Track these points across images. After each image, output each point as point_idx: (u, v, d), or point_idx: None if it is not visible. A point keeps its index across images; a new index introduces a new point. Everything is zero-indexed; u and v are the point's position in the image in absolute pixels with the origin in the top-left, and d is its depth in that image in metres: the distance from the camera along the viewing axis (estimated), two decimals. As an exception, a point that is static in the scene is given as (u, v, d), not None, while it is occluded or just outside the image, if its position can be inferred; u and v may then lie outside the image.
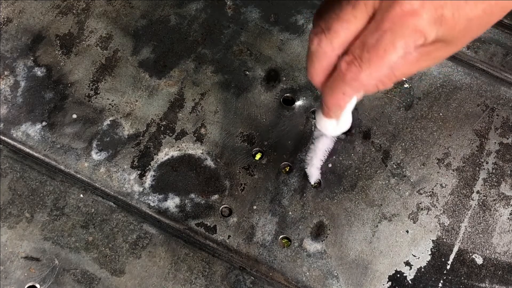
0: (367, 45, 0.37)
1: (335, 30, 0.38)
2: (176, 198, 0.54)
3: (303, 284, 0.52)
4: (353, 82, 0.39)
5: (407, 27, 0.37)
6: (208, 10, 0.62)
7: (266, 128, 0.57)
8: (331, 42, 0.39)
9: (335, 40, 0.38)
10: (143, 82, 0.59)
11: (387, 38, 0.37)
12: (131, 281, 0.51)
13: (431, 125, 0.58)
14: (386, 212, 0.54)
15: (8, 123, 0.57)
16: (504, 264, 0.53)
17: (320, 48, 0.39)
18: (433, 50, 0.39)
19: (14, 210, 0.53)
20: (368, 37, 0.37)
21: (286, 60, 0.60)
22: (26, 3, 0.62)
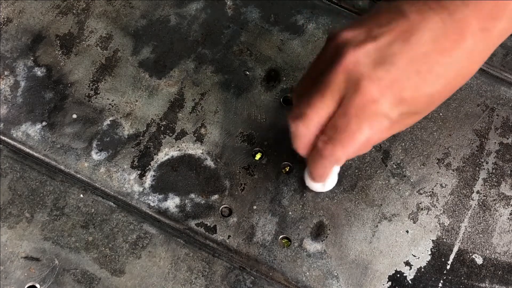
0: (337, 127, 0.43)
1: (308, 116, 0.44)
2: (176, 198, 0.54)
3: (303, 284, 0.52)
4: (330, 158, 0.45)
5: (369, 113, 0.42)
6: (208, 10, 0.62)
7: (266, 128, 0.57)
8: (307, 126, 0.44)
9: (310, 124, 0.44)
10: (143, 82, 0.59)
11: (353, 123, 0.42)
12: (131, 281, 0.51)
13: (431, 125, 0.58)
14: (386, 212, 0.54)
15: (8, 123, 0.57)
16: (504, 264, 0.53)
17: (298, 131, 0.45)
18: (401, 120, 0.43)
19: (14, 210, 0.53)
20: (338, 121, 0.43)
21: (286, 60, 0.60)
22: (26, 3, 0.62)
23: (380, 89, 0.41)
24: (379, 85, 0.41)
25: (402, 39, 0.41)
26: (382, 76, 0.41)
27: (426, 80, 0.41)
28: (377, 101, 0.41)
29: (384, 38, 0.41)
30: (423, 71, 0.41)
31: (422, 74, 0.41)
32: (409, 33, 0.41)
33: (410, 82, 0.41)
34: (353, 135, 0.43)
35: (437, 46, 0.41)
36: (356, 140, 0.43)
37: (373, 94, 0.41)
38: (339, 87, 0.42)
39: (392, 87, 0.41)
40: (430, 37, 0.41)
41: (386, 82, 0.41)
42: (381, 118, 0.42)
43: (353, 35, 0.42)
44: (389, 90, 0.41)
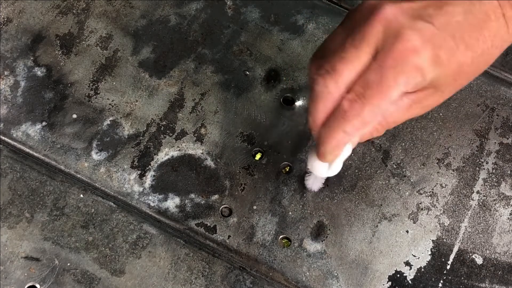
0: (370, 82, 0.39)
1: (340, 70, 0.40)
2: (176, 198, 0.54)
3: (303, 284, 0.52)
4: (355, 120, 0.40)
5: (408, 64, 0.39)
6: (208, 10, 0.62)
7: (266, 128, 0.57)
8: (337, 82, 0.40)
9: (340, 80, 0.40)
10: (143, 82, 0.59)
11: (389, 75, 0.39)
12: (131, 281, 0.51)
13: (431, 125, 0.58)
14: (386, 212, 0.54)
15: (8, 123, 0.57)
16: (504, 264, 0.53)
17: (326, 88, 0.40)
18: (424, 97, 0.41)
19: (14, 210, 0.53)
20: (370, 74, 0.39)
21: (286, 60, 0.60)
22: (26, 3, 0.62)
23: (422, 39, 0.39)
24: (421, 34, 0.39)
25: (436, 5, 0.40)
26: (422, 28, 0.39)
27: (459, 46, 0.40)
28: (418, 51, 0.39)
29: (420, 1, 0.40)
30: (457, 36, 0.40)
31: (456, 39, 0.40)
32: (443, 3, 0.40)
33: (446, 43, 0.40)
34: (387, 89, 0.40)
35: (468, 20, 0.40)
36: (387, 96, 0.40)
37: (414, 42, 0.39)
38: (376, 39, 0.39)
39: (431, 41, 0.39)
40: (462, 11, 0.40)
41: (426, 35, 0.39)
42: (418, 73, 0.40)
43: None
44: (429, 43, 0.39)
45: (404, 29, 0.39)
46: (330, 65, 0.40)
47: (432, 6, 0.40)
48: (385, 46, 0.39)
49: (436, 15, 0.40)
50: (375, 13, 0.39)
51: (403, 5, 0.40)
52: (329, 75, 0.40)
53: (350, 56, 0.40)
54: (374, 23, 0.39)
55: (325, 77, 0.40)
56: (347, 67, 0.40)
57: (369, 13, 0.40)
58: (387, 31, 0.39)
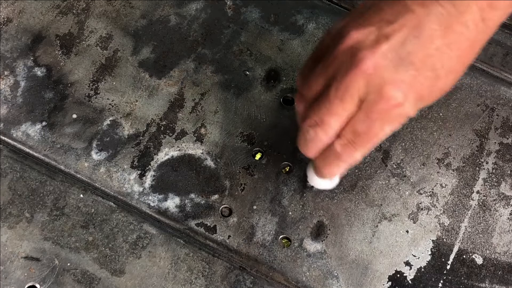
0: (359, 131, 0.43)
1: (329, 123, 0.43)
2: (176, 198, 0.54)
3: (303, 284, 0.52)
4: (348, 160, 0.45)
5: (393, 116, 0.42)
6: (208, 10, 0.62)
7: (266, 128, 0.57)
8: (326, 132, 0.44)
9: (329, 130, 0.44)
10: (143, 82, 0.59)
11: (376, 126, 0.42)
12: (131, 281, 0.51)
13: (431, 125, 0.58)
14: (386, 212, 0.54)
15: (8, 123, 0.57)
16: (504, 264, 0.53)
17: (317, 137, 0.44)
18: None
19: (14, 210, 0.53)
20: (358, 124, 0.42)
21: (286, 60, 0.60)
22: (26, 3, 0.62)
23: (404, 92, 0.41)
24: (402, 87, 0.41)
25: (413, 36, 0.40)
26: (403, 78, 0.41)
27: (440, 75, 0.42)
28: (402, 105, 0.41)
29: (397, 36, 0.40)
30: (437, 66, 0.41)
31: (437, 69, 0.41)
32: (419, 29, 0.40)
33: (427, 80, 0.41)
34: (375, 136, 0.43)
35: (446, 40, 0.41)
36: (377, 141, 0.43)
37: (397, 99, 0.41)
38: (359, 92, 0.41)
39: (413, 87, 0.41)
40: (439, 31, 0.40)
41: (407, 83, 0.41)
42: (403, 118, 0.42)
43: (364, 35, 0.41)
44: (411, 91, 0.41)
45: (386, 85, 0.41)
46: (318, 118, 0.43)
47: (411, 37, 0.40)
48: (369, 99, 0.41)
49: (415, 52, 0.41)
50: (355, 66, 0.41)
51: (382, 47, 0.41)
52: (318, 127, 0.44)
53: (336, 109, 0.42)
54: (355, 78, 0.41)
55: (315, 129, 0.44)
56: (334, 119, 0.43)
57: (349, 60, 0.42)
58: (369, 84, 0.41)
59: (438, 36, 0.40)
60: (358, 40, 0.41)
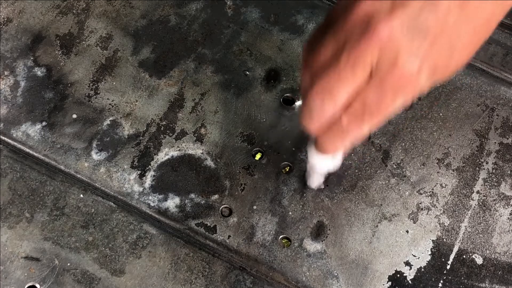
0: (368, 102, 0.40)
1: (337, 91, 0.40)
2: (176, 198, 0.54)
3: (303, 284, 0.52)
4: (355, 134, 0.42)
5: (406, 87, 0.39)
6: (208, 10, 0.62)
7: (266, 128, 0.57)
8: (334, 103, 0.41)
9: (338, 100, 0.40)
10: (143, 82, 0.59)
11: (388, 96, 0.40)
12: (131, 281, 0.51)
13: (431, 125, 0.58)
14: (386, 212, 0.54)
15: (8, 123, 0.57)
16: (504, 264, 0.53)
17: (323, 107, 0.41)
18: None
19: (14, 210, 0.53)
20: (368, 95, 0.40)
21: (286, 60, 0.60)
22: (26, 3, 0.62)
23: (419, 63, 0.39)
24: (418, 58, 0.39)
25: (429, 8, 0.39)
26: (419, 47, 0.39)
27: (455, 51, 0.40)
28: (416, 76, 0.39)
29: (412, 5, 0.39)
30: (453, 40, 0.40)
31: (453, 43, 0.40)
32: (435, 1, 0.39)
33: (443, 53, 0.40)
34: (385, 108, 0.40)
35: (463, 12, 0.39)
36: (387, 112, 0.41)
37: (412, 69, 0.39)
38: (372, 59, 0.39)
39: (428, 58, 0.39)
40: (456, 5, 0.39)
41: (423, 54, 0.39)
42: (416, 90, 0.40)
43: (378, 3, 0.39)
44: (426, 63, 0.39)
45: (400, 54, 0.39)
46: (327, 84, 0.40)
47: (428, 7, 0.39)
48: (382, 69, 0.39)
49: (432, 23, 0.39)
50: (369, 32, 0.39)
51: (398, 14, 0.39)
52: (326, 96, 0.41)
53: (347, 77, 0.40)
54: (369, 44, 0.39)
55: (323, 97, 0.41)
56: (344, 88, 0.40)
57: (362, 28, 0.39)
58: (383, 52, 0.39)
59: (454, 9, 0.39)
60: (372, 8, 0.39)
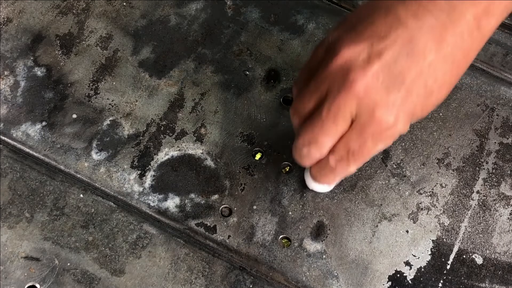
0: (351, 149, 0.43)
1: (322, 142, 0.44)
2: (176, 198, 0.54)
3: (303, 284, 0.52)
4: (342, 173, 0.47)
5: (386, 136, 0.42)
6: (208, 10, 0.62)
7: (266, 128, 0.57)
8: (320, 151, 0.45)
9: (323, 148, 0.44)
10: (143, 82, 0.59)
11: (369, 144, 0.43)
12: (131, 281, 0.51)
13: (431, 125, 0.58)
14: (386, 212, 0.54)
15: (8, 123, 0.57)
16: (504, 264, 0.53)
17: (310, 155, 0.45)
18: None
19: (14, 210, 0.53)
20: (351, 143, 0.43)
21: (286, 60, 0.60)
22: (26, 3, 0.62)
23: (395, 115, 0.41)
24: (393, 110, 0.41)
25: (406, 52, 0.40)
26: (394, 100, 0.40)
27: (433, 91, 0.41)
28: (393, 126, 0.41)
29: (389, 54, 0.40)
30: (430, 83, 0.41)
31: (429, 86, 0.41)
32: (412, 44, 0.39)
33: (419, 98, 0.41)
34: (368, 153, 0.43)
35: (439, 54, 0.40)
36: (370, 156, 0.44)
37: (389, 121, 0.41)
38: (351, 112, 0.41)
39: (405, 107, 0.41)
40: (433, 45, 0.40)
41: (398, 105, 0.40)
42: (396, 136, 0.43)
43: (355, 53, 0.40)
44: (403, 112, 0.41)
45: (377, 108, 0.40)
46: (312, 137, 0.44)
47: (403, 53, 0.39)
48: (361, 120, 0.41)
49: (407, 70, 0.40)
50: (347, 86, 0.40)
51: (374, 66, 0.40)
52: (312, 146, 0.44)
53: (330, 128, 0.43)
54: (347, 99, 0.41)
55: (309, 148, 0.45)
56: (327, 139, 0.43)
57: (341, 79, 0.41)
58: (361, 105, 0.41)
59: (431, 50, 0.40)
60: (350, 58, 0.41)
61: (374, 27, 0.41)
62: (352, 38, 0.41)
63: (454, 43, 0.40)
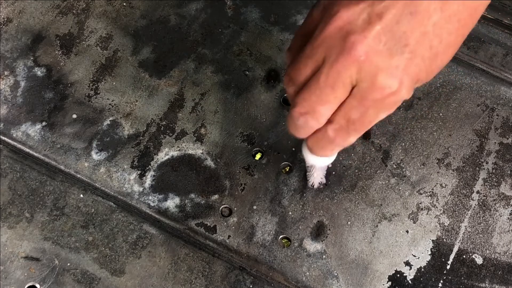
0: (352, 118, 0.40)
1: (320, 111, 0.40)
2: (176, 198, 0.54)
3: (303, 284, 0.52)
4: (342, 144, 0.43)
5: (388, 103, 0.39)
6: (208, 10, 0.62)
7: (266, 128, 0.57)
8: (318, 121, 0.41)
9: (321, 118, 0.41)
10: (143, 82, 0.59)
11: (370, 113, 0.39)
12: (131, 281, 0.51)
13: (431, 125, 0.58)
14: (386, 212, 0.54)
15: (8, 123, 0.57)
16: (504, 264, 0.53)
17: (307, 125, 0.41)
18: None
19: (14, 210, 0.53)
20: (351, 111, 0.40)
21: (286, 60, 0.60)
22: (26, 3, 0.62)
23: (399, 79, 0.38)
24: (397, 75, 0.38)
25: (409, 12, 0.37)
26: (398, 63, 0.37)
27: (438, 53, 0.38)
28: (397, 92, 0.38)
29: (391, 13, 0.37)
30: (435, 44, 0.38)
31: (435, 47, 0.38)
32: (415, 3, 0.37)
33: (424, 61, 0.38)
34: (369, 122, 0.40)
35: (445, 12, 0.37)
36: (371, 125, 0.41)
37: (392, 87, 0.38)
38: (351, 79, 0.38)
39: (408, 71, 0.38)
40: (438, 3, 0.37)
41: (402, 69, 0.38)
42: (399, 103, 0.40)
43: (355, 14, 0.37)
44: (407, 76, 0.38)
45: (379, 73, 0.38)
46: (309, 106, 0.40)
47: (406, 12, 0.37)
48: (362, 87, 0.38)
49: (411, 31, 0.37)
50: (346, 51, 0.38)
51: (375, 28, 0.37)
52: (309, 115, 0.41)
53: (328, 96, 0.40)
54: (346, 65, 0.38)
55: (306, 117, 0.41)
56: (326, 107, 0.40)
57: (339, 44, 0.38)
58: (361, 72, 0.38)
59: (436, 9, 0.37)
60: (349, 20, 0.38)
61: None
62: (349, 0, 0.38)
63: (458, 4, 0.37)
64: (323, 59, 0.39)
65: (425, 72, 0.39)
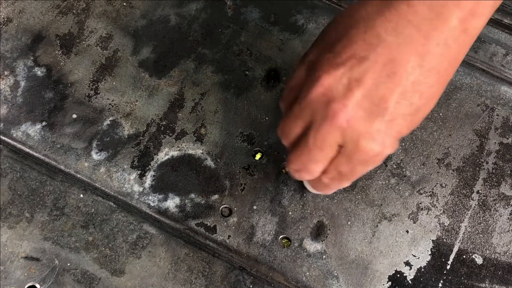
0: (342, 172, 0.43)
1: (312, 168, 0.44)
2: (176, 198, 0.54)
3: (303, 284, 0.52)
4: (338, 187, 0.49)
5: (373, 161, 0.42)
6: (208, 10, 0.62)
7: (266, 128, 0.57)
8: (312, 175, 0.45)
9: (314, 174, 0.44)
10: (143, 82, 0.59)
11: (358, 168, 0.42)
12: (131, 281, 0.51)
13: (431, 125, 0.58)
14: (386, 212, 0.54)
15: (8, 123, 0.57)
16: (504, 264, 0.53)
17: (303, 178, 0.46)
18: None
19: (14, 210, 0.53)
20: (341, 167, 0.43)
21: (286, 60, 0.60)
22: (26, 3, 0.62)
23: (381, 142, 0.40)
24: (378, 138, 0.39)
25: (387, 75, 0.37)
26: (379, 127, 0.39)
27: (419, 107, 0.39)
28: (381, 153, 0.41)
29: (369, 78, 0.38)
30: (415, 100, 0.39)
31: (415, 103, 0.39)
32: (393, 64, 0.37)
33: (406, 118, 0.39)
34: (359, 173, 0.43)
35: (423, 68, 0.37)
36: (361, 175, 0.44)
37: (374, 150, 0.40)
38: (337, 141, 0.40)
39: (390, 132, 0.39)
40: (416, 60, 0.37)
41: (384, 132, 0.39)
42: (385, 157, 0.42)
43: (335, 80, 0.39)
44: (388, 138, 0.40)
45: (361, 139, 0.40)
46: (301, 164, 0.44)
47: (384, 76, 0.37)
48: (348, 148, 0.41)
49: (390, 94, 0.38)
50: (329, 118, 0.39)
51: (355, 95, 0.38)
52: (303, 172, 0.44)
53: (317, 156, 0.42)
54: (331, 130, 0.40)
55: (300, 173, 0.45)
56: (317, 165, 0.43)
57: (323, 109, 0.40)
58: (345, 136, 0.40)
59: (414, 68, 0.37)
60: (330, 86, 0.39)
61: (353, 47, 0.38)
62: (331, 62, 0.39)
63: (439, 53, 0.37)
64: (310, 120, 0.42)
65: (407, 127, 0.41)
